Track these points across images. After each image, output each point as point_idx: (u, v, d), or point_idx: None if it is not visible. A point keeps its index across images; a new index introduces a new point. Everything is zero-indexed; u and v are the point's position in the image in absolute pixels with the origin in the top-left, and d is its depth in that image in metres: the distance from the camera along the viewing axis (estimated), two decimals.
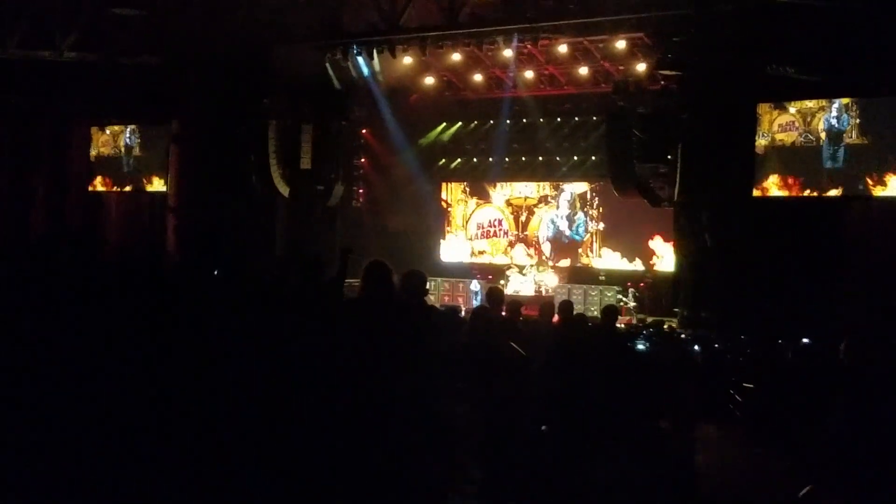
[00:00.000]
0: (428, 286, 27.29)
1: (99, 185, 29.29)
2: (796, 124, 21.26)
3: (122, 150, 28.78)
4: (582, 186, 28.94)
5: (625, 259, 27.87)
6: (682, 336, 18.59)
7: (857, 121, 20.50)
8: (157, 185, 27.99)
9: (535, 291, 26.94)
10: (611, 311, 12.48)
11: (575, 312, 14.42)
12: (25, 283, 7.15)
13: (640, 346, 10.47)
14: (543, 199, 29.59)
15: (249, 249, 24.51)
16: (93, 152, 29.26)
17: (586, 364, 8.13)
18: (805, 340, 14.82)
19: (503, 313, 10.77)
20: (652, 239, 27.08)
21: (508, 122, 29.26)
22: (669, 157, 22.68)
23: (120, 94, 26.29)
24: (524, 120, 29.20)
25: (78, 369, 6.14)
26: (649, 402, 7.93)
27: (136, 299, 6.91)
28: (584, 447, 7.13)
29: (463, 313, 14.62)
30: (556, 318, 12.77)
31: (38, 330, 6.44)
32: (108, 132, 29.11)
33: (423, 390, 5.84)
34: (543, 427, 7.36)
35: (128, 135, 28.67)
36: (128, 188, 28.93)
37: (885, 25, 18.29)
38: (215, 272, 8.25)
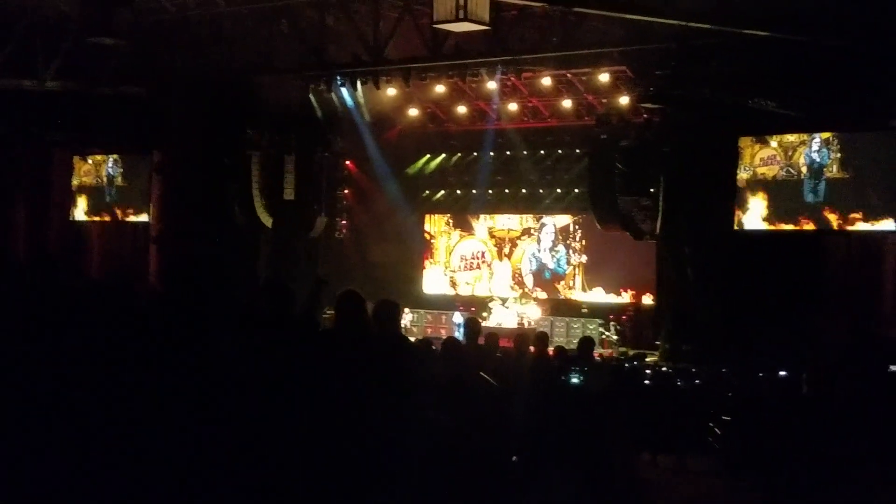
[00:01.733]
0: (411, 317, 27.18)
1: (81, 214, 29.16)
2: (778, 158, 21.33)
3: (105, 179, 28.65)
4: (565, 219, 28.96)
5: (611, 293, 27.87)
6: (626, 365, 18.53)
7: (838, 155, 20.58)
8: (140, 215, 27.85)
9: (518, 324, 26.88)
10: (586, 343, 12.45)
11: (556, 345, 14.41)
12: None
13: (574, 380, 10.43)
14: (526, 232, 29.61)
15: (231, 281, 24.42)
16: (74, 182, 29.13)
17: (553, 394, 8.13)
18: (782, 373, 14.84)
19: (480, 344, 10.74)
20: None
21: (492, 154, 29.32)
22: (652, 190, 22.73)
23: (102, 123, 26.23)
24: (507, 152, 29.26)
25: (46, 398, 6.08)
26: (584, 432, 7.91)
27: (108, 328, 6.85)
28: (551, 477, 7.10)
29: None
30: (531, 349, 12.73)
31: (9, 357, 6.38)
32: (90, 161, 28.99)
33: (390, 421, 5.81)
34: (514, 458, 7.33)
35: (110, 164, 28.56)
36: (110, 218, 28.80)
37: (865, 61, 18.39)
38: (190, 302, 8.18)
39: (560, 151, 28.48)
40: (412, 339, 16.28)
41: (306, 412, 5.87)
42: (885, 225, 19.94)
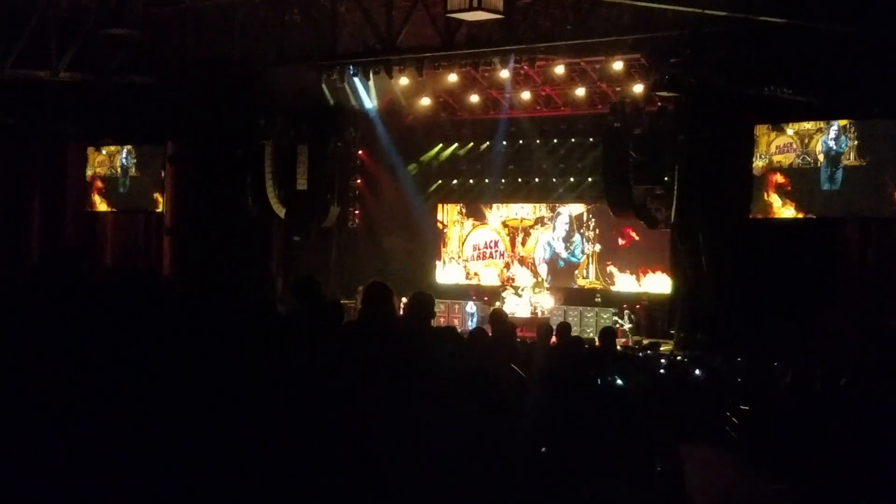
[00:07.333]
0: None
1: (95, 205, 29.18)
2: (794, 146, 21.22)
3: (119, 170, 28.65)
4: (578, 208, 28.89)
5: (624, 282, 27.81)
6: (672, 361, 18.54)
7: (855, 142, 20.44)
8: (154, 205, 27.85)
9: (531, 313, 26.87)
10: (608, 334, 12.41)
11: (575, 336, 14.33)
12: (21, 306, 7.04)
13: (619, 382, 10.39)
14: (540, 221, 29.54)
15: (245, 271, 24.46)
16: (89, 172, 29.15)
17: (580, 386, 8.11)
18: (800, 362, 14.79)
19: (501, 335, 10.69)
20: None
21: (504, 143, 29.28)
22: (666, 178, 22.67)
23: (116, 114, 26.22)
24: (520, 141, 29.23)
25: (71, 392, 6.06)
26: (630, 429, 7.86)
27: (130, 320, 6.83)
28: (581, 470, 7.08)
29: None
30: (553, 339, 12.70)
31: (33, 352, 6.36)
32: (104, 152, 29.00)
33: (417, 415, 5.78)
34: (543, 449, 7.31)
35: (124, 155, 28.55)
36: (124, 208, 28.82)
37: (880, 48, 18.29)
38: (209, 293, 8.14)
39: (573, 140, 28.44)
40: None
41: (331, 406, 5.84)
42: None
